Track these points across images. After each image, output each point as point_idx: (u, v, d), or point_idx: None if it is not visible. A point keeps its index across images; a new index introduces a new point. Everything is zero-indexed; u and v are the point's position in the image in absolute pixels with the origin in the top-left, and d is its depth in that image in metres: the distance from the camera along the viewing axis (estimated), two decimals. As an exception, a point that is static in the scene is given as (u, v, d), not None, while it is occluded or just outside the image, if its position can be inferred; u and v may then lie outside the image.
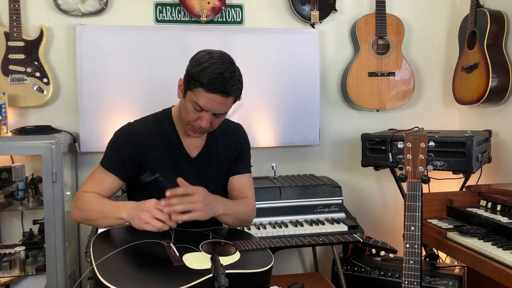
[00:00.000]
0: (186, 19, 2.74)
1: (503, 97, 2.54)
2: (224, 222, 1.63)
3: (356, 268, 2.50)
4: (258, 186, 2.39)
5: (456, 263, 2.48)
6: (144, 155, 1.58)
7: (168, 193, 1.41)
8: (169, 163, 1.60)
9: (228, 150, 1.71)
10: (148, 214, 1.39)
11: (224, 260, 1.30)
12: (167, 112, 1.67)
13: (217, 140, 1.69)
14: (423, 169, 1.74)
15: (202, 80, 1.43)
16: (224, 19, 2.79)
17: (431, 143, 1.77)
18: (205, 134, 1.66)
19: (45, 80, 2.52)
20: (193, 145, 1.65)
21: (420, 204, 1.74)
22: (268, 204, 2.35)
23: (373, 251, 1.76)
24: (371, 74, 2.83)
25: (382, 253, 1.71)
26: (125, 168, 1.58)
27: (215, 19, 2.73)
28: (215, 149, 1.68)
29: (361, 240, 1.72)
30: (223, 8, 2.68)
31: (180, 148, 1.63)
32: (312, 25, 2.86)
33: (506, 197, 2.02)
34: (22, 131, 2.43)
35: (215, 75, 1.42)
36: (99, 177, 1.59)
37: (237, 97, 1.52)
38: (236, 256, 1.38)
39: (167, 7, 2.73)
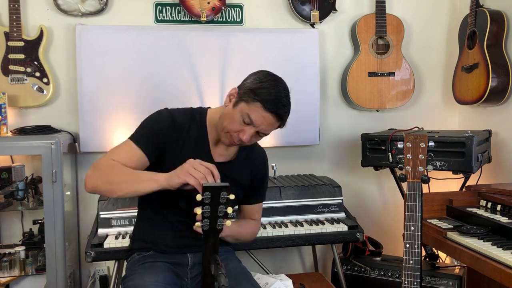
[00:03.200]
0: (186, 19, 2.74)
1: (503, 97, 2.54)
2: (223, 238, 1.63)
3: (356, 268, 2.50)
4: (258, 186, 2.39)
5: (456, 263, 2.49)
6: (172, 144, 1.57)
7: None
8: (190, 157, 1.59)
9: (250, 172, 1.73)
10: (191, 166, 1.36)
11: None
12: (201, 113, 1.66)
13: (244, 157, 1.70)
14: (423, 169, 1.74)
15: (262, 97, 1.47)
16: (224, 19, 2.79)
17: (431, 143, 1.77)
18: (234, 148, 1.66)
19: (45, 80, 2.52)
20: (219, 153, 1.66)
21: (420, 204, 1.74)
22: (268, 204, 2.35)
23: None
24: (371, 74, 2.83)
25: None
26: (155, 148, 1.55)
27: (215, 19, 2.73)
28: (239, 165, 1.69)
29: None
30: (223, 8, 2.68)
31: (205, 150, 1.63)
32: (312, 25, 2.86)
33: (506, 197, 2.01)
34: (22, 131, 2.43)
35: (276, 97, 1.48)
36: (128, 150, 1.53)
37: (283, 124, 1.57)
38: None
39: (167, 7, 2.73)
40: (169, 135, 1.57)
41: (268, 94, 1.47)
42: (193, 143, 1.61)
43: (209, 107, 1.71)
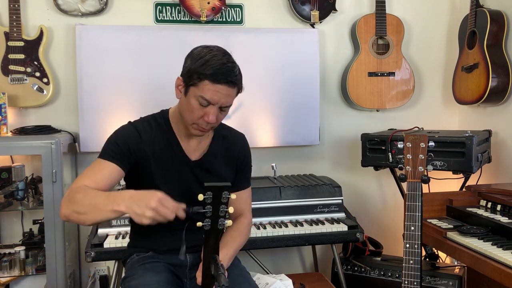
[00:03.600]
0: (186, 19, 2.74)
1: (503, 97, 2.54)
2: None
3: (356, 268, 2.50)
4: (258, 186, 2.39)
5: (456, 263, 2.49)
6: (142, 154, 1.54)
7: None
8: (167, 166, 1.57)
9: (230, 161, 1.68)
10: (158, 201, 1.24)
11: None
12: (164, 114, 1.63)
13: (220, 145, 1.66)
14: (423, 169, 1.74)
15: (206, 72, 1.41)
16: (224, 19, 2.79)
17: (431, 143, 1.77)
18: (207, 139, 1.63)
19: (45, 80, 2.52)
20: (193, 149, 1.61)
21: (420, 204, 1.74)
22: (268, 204, 2.35)
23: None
24: (371, 74, 2.83)
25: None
26: (124, 158, 1.50)
27: (215, 19, 2.73)
28: (216, 156, 1.64)
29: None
30: (223, 8, 2.68)
31: (179, 151, 1.59)
32: (312, 25, 2.86)
33: (506, 197, 2.01)
34: (22, 131, 2.43)
35: (219, 66, 1.42)
36: (97, 167, 1.48)
37: (239, 88, 1.50)
38: None
39: (167, 7, 2.73)
40: (137, 146, 1.53)
41: (211, 67, 1.41)
42: (164, 148, 1.57)
43: (169, 108, 1.66)
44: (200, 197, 1.21)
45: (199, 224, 1.24)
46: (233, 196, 1.23)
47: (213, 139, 1.65)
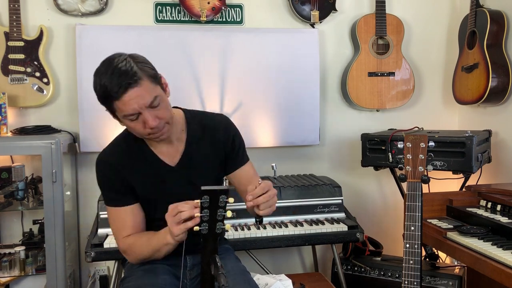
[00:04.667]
0: (186, 19, 2.74)
1: (503, 97, 2.54)
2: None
3: (356, 268, 2.50)
4: (258, 186, 2.39)
5: (456, 263, 2.48)
6: (127, 176, 1.54)
7: (249, 197, 1.35)
8: (151, 178, 1.55)
9: (215, 148, 1.62)
10: (170, 216, 1.33)
11: None
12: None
13: (200, 141, 1.60)
14: (423, 169, 1.74)
15: (108, 94, 1.34)
16: (224, 19, 2.79)
17: (431, 143, 1.77)
18: (181, 140, 1.58)
19: (45, 80, 2.52)
20: (171, 153, 1.57)
21: (420, 204, 1.74)
22: (268, 204, 2.34)
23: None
24: (371, 74, 2.83)
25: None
26: (127, 193, 1.55)
27: (215, 19, 2.73)
28: (198, 151, 1.59)
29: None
30: (223, 8, 2.68)
31: (155, 160, 1.56)
32: (312, 25, 2.86)
33: (506, 197, 2.01)
34: (22, 131, 2.43)
35: (109, 78, 1.33)
36: (118, 217, 1.57)
37: (150, 76, 1.39)
38: None
39: (167, 7, 2.73)
40: (119, 175, 1.54)
41: (105, 87, 1.33)
42: (140, 159, 1.55)
43: None
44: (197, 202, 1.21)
45: (196, 228, 1.24)
46: (230, 200, 1.22)
47: (190, 136, 1.59)
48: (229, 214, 1.25)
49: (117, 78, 1.33)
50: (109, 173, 1.55)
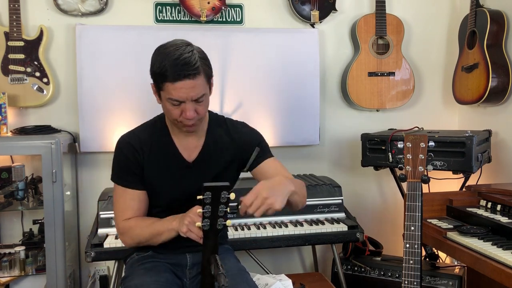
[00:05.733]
0: (186, 19, 2.74)
1: (503, 97, 2.54)
2: (293, 203, 1.52)
3: (356, 268, 2.50)
4: (258, 186, 2.39)
5: (456, 263, 2.48)
6: (144, 163, 1.57)
7: (241, 213, 1.37)
8: (166, 170, 1.59)
9: (233, 149, 1.64)
10: (190, 219, 1.36)
11: None
12: (161, 118, 1.64)
13: (218, 141, 1.63)
14: (423, 169, 1.74)
15: (164, 74, 1.39)
16: (224, 19, 2.79)
17: (431, 143, 1.77)
18: (202, 135, 1.62)
19: (45, 80, 2.52)
20: (190, 148, 1.61)
21: (420, 204, 1.74)
22: (268, 204, 2.34)
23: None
24: (371, 74, 2.83)
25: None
26: (139, 178, 1.58)
27: (215, 19, 2.73)
28: (216, 150, 1.62)
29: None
30: (223, 8, 2.68)
31: (175, 154, 1.59)
32: (312, 25, 2.86)
33: (506, 197, 2.01)
34: (22, 131, 2.43)
35: (172, 63, 1.38)
36: (124, 198, 1.58)
37: (207, 74, 1.45)
38: None
39: (167, 7, 2.73)
40: (137, 159, 1.57)
41: (165, 67, 1.38)
42: (161, 150, 1.59)
43: None
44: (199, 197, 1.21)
45: (198, 224, 1.25)
46: (232, 196, 1.23)
47: (209, 135, 1.63)
48: (229, 223, 1.26)
49: (180, 66, 1.38)
50: (129, 154, 1.57)
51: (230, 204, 1.25)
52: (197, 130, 1.59)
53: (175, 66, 1.38)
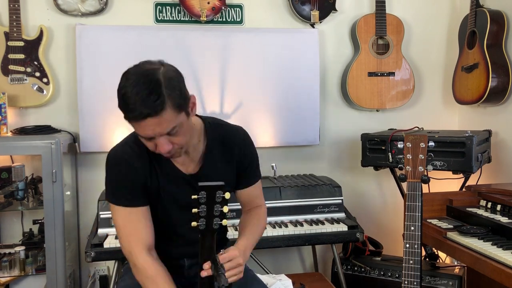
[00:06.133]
0: (186, 19, 2.74)
1: (503, 97, 2.54)
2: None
3: (356, 268, 2.50)
4: (258, 186, 2.39)
5: (456, 263, 2.49)
6: (142, 177, 1.46)
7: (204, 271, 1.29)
8: (161, 181, 1.48)
9: (230, 164, 1.56)
10: None
11: None
12: None
13: (216, 155, 1.53)
14: (423, 169, 1.74)
15: (126, 114, 1.27)
16: (224, 19, 2.79)
17: (431, 143, 1.77)
18: (197, 151, 1.51)
19: (45, 80, 2.52)
20: (186, 162, 1.50)
21: (420, 204, 1.74)
22: (268, 204, 2.31)
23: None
24: (371, 74, 2.83)
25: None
26: (140, 193, 1.46)
27: (215, 19, 2.73)
28: (214, 164, 1.53)
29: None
30: (223, 8, 2.68)
31: (169, 165, 1.48)
32: (312, 25, 2.86)
33: (506, 197, 2.01)
34: (22, 131, 2.43)
35: (131, 101, 1.23)
36: (130, 220, 1.44)
37: (176, 104, 1.27)
38: None
39: (167, 7, 2.73)
40: (136, 175, 1.45)
41: (125, 107, 1.26)
42: (158, 166, 1.47)
43: None
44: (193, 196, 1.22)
45: (194, 224, 1.25)
46: (227, 195, 1.23)
47: (208, 146, 1.51)
48: (225, 209, 1.25)
49: (140, 102, 1.23)
50: (125, 169, 1.44)
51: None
52: (188, 151, 1.47)
53: (133, 105, 1.23)
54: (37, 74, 2.51)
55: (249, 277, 1.62)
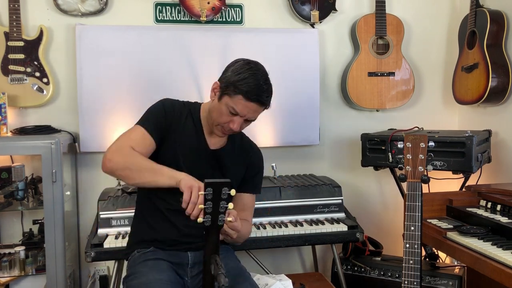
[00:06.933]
0: (186, 19, 2.74)
1: (503, 97, 2.54)
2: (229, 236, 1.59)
3: (356, 268, 2.50)
4: (258, 186, 2.39)
5: (456, 263, 2.49)
6: (173, 130, 1.65)
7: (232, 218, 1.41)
8: (188, 148, 1.66)
9: (241, 164, 1.77)
10: (199, 187, 1.38)
11: None
12: (196, 106, 1.76)
13: (237, 146, 1.78)
14: (423, 169, 1.74)
15: (242, 89, 1.54)
16: (224, 19, 2.79)
17: (431, 143, 1.77)
18: (225, 139, 1.75)
19: (45, 80, 2.52)
20: (213, 143, 1.72)
21: (420, 204, 1.74)
22: (268, 204, 2.35)
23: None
24: (371, 74, 2.83)
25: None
26: (161, 134, 1.63)
27: (215, 19, 2.73)
28: (232, 151, 1.76)
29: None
30: (223, 8, 2.68)
31: (201, 139, 1.70)
32: (312, 25, 2.86)
33: (506, 197, 2.01)
34: (22, 131, 2.43)
35: (255, 85, 1.55)
36: (140, 136, 1.60)
37: (267, 106, 1.63)
38: None
39: (167, 7, 2.73)
40: (171, 121, 1.66)
41: (247, 85, 1.54)
42: (189, 133, 1.68)
43: (202, 102, 1.79)
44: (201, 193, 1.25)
45: (199, 220, 1.27)
46: (232, 192, 1.25)
47: (230, 139, 1.77)
48: (231, 206, 1.28)
49: (260, 90, 1.56)
50: (167, 111, 1.66)
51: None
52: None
53: (258, 90, 1.55)
54: (37, 74, 2.51)
55: (240, 275, 1.63)
